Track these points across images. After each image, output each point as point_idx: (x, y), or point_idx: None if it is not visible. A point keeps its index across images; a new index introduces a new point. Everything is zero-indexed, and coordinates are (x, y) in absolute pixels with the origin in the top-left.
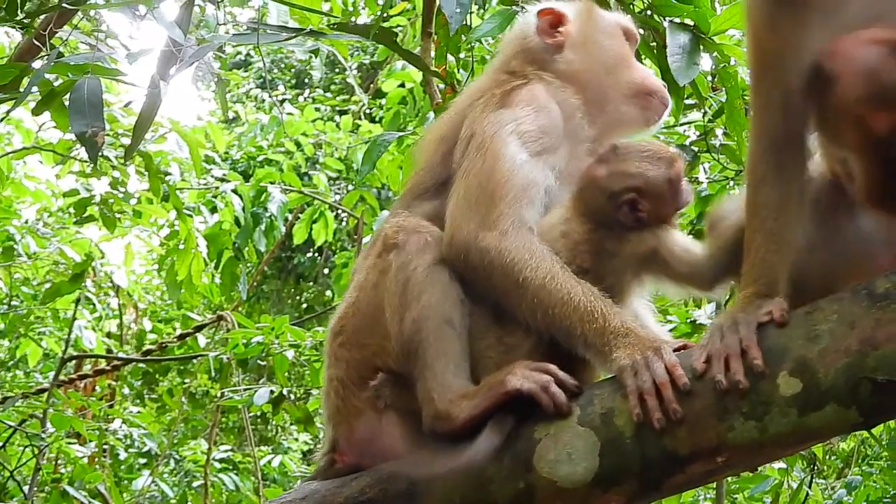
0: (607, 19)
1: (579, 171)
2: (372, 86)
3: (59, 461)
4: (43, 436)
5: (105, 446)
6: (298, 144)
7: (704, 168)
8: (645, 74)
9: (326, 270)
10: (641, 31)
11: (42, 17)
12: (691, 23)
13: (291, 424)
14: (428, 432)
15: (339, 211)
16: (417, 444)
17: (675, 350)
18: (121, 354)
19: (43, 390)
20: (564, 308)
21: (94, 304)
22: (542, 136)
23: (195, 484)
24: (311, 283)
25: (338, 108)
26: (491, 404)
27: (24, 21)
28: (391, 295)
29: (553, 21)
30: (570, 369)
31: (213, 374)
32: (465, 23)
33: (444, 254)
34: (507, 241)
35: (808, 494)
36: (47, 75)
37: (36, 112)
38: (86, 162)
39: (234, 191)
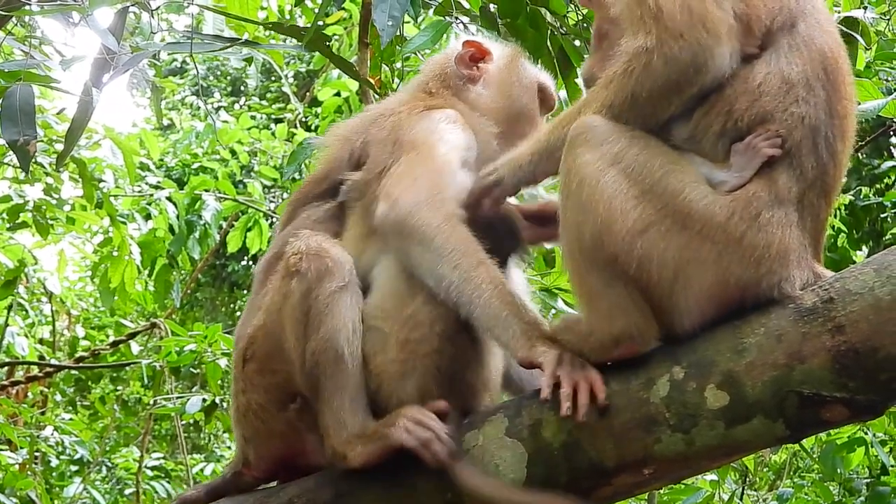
0: (528, 74)
1: None
2: (308, 94)
3: None
4: None
5: (36, 453)
6: (233, 152)
7: None
8: None
9: None
10: (577, 43)
11: None
12: None
13: (224, 432)
14: (329, 464)
15: (274, 219)
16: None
17: None
18: (53, 361)
19: None
20: (496, 289)
21: (26, 311)
22: (464, 151)
23: (127, 491)
24: (245, 292)
25: (273, 117)
26: (382, 453)
27: None
28: (294, 322)
29: (475, 55)
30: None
31: (145, 381)
32: (400, 33)
33: (375, 223)
34: (451, 223)
35: None
36: None
37: None
38: (19, 168)
39: (169, 198)
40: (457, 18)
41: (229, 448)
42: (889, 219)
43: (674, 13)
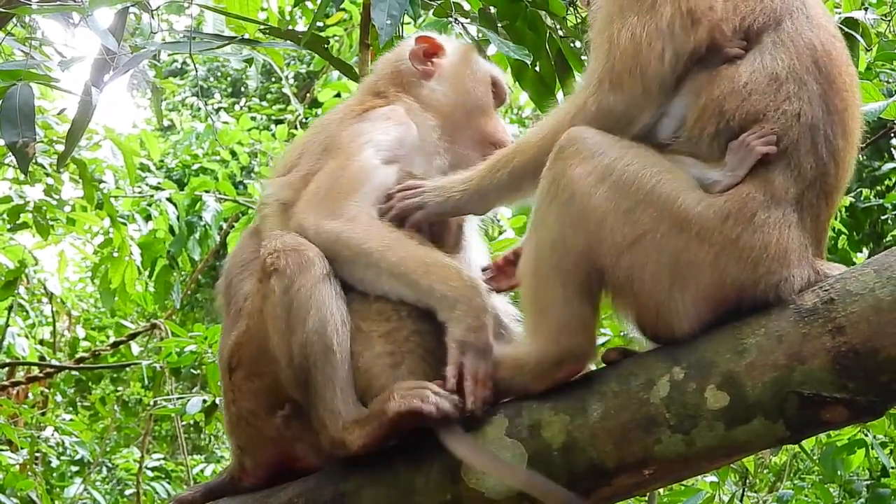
0: (482, 68)
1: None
2: (308, 95)
3: None
4: None
5: (37, 454)
6: (234, 153)
7: None
8: (498, 128)
9: None
10: (577, 45)
11: None
12: None
13: (224, 433)
14: (328, 457)
15: None
16: (330, 464)
17: None
18: (53, 362)
19: None
20: (410, 263)
21: (27, 311)
22: (397, 147)
23: (128, 492)
24: None
25: (273, 118)
26: (383, 433)
27: None
28: (277, 320)
29: (428, 50)
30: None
31: (146, 382)
32: (400, 34)
33: None
34: (352, 224)
35: None
36: None
37: None
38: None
39: (169, 199)
40: (456, 20)
41: (229, 449)
42: (890, 221)
43: (625, 52)
